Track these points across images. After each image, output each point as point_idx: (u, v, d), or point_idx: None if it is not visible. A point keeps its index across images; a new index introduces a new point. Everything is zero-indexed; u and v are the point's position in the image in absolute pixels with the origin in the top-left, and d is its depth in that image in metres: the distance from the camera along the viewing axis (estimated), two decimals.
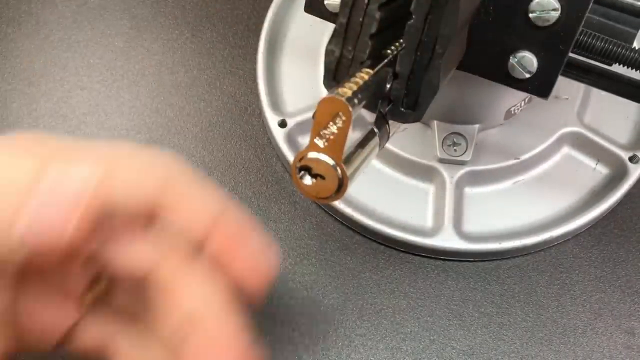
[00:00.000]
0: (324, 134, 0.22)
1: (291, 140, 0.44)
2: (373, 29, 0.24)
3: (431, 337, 0.39)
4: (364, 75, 0.23)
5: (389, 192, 0.43)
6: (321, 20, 0.33)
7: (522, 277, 0.41)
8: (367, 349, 0.39)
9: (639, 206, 0.43)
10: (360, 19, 0.24)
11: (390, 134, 0.26)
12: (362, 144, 0.25)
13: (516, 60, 0.29)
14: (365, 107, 0.23)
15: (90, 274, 0.27)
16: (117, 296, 0.28)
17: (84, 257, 0.26)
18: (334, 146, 0.22)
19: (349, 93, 0.22)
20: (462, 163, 0.42)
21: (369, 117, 0.28)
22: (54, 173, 0.23)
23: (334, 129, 0.22)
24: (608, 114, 0.45)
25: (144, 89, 0.48)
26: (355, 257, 0.41)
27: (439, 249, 0.41)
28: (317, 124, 0.22)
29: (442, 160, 0.42)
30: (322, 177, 0.23)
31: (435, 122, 0.42)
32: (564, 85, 0.44)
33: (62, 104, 0.49)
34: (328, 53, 0.24)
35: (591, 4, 0.27)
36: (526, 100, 0.43)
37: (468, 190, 0.43)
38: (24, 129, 0.48)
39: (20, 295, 0.26)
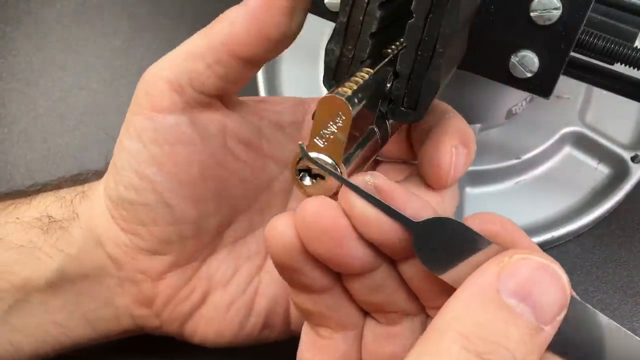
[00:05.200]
0: (324, 133, 0.22)
1: None
2: (373, 28, 0.24)
3: None
4: (364, 74, 0.23)
5: None
6: (321, 19, 0.33)
7: None
8: None
9: None
10: (361, 18, 0.24)
11: (391, 134, 0.26)
12: (362, 143, 0.24)
13: (517, 59, 0.28)
14: (365, 106, 0.23)
15: None
16: None
17: None
18: (334, 146, 0.22)
19: (349, 92, 0.22)
20: None
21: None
22: None
23: (333, 128, 0.22)
24: (610, 114, 0.45)
25: None
26: None
27: None
28: (316, 124, 0.22)
29: None
30: (322, 177, 0.23)
31: None
32: (566, 85, 0.43)
33: (61, 103, 0.49)
34: (328, 52, 0.24)
35: (592, 3, 0.27)
36: (527, 99, 0.42)
37: (469, 190, 0.43)
38: (21, 129, 0.47)
39: None
